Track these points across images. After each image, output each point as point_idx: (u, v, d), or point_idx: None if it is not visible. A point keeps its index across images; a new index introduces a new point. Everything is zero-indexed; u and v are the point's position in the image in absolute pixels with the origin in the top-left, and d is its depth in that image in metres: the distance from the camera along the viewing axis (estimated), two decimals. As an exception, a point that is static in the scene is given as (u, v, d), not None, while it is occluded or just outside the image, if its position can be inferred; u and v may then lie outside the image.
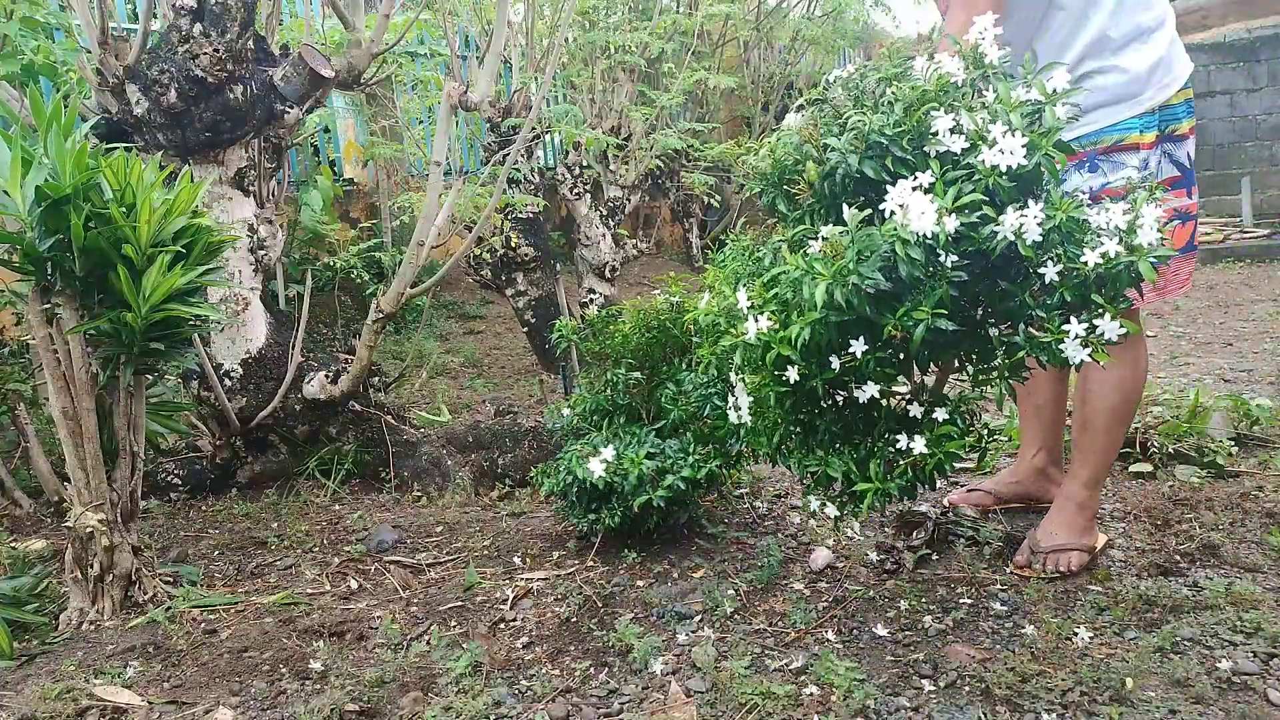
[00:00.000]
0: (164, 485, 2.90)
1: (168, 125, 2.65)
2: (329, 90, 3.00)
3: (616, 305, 2.52)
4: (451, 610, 2.01)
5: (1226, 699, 1.50)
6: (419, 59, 5.25)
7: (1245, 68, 8.09)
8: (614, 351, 2.25)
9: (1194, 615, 1.76)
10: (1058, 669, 1.58)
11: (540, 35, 4.85)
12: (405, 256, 2.73)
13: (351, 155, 6.19)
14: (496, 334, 5.80)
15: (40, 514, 2.68)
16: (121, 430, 2.06)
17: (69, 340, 1.94)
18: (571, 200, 5.03)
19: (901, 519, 2.27)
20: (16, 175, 1.81)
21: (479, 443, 2.97)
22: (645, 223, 8.13)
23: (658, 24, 5.13)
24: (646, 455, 2.03)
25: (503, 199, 4.12)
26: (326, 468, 2.99)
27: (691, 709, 1.54)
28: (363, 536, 2.51)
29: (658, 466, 2.03)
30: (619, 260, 5.01)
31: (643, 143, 5.01)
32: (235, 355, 2.89)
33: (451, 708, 1.57)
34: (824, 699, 1.55)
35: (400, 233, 5.23)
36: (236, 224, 2.82)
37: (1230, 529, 2.15)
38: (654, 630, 1.83)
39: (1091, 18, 1.84)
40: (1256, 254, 6.98)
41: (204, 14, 2.61)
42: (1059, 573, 1.94)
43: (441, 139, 2.72)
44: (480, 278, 4.57)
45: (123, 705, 1.66)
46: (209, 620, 2.02)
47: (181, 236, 1.97)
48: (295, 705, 1.64)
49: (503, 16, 2.88)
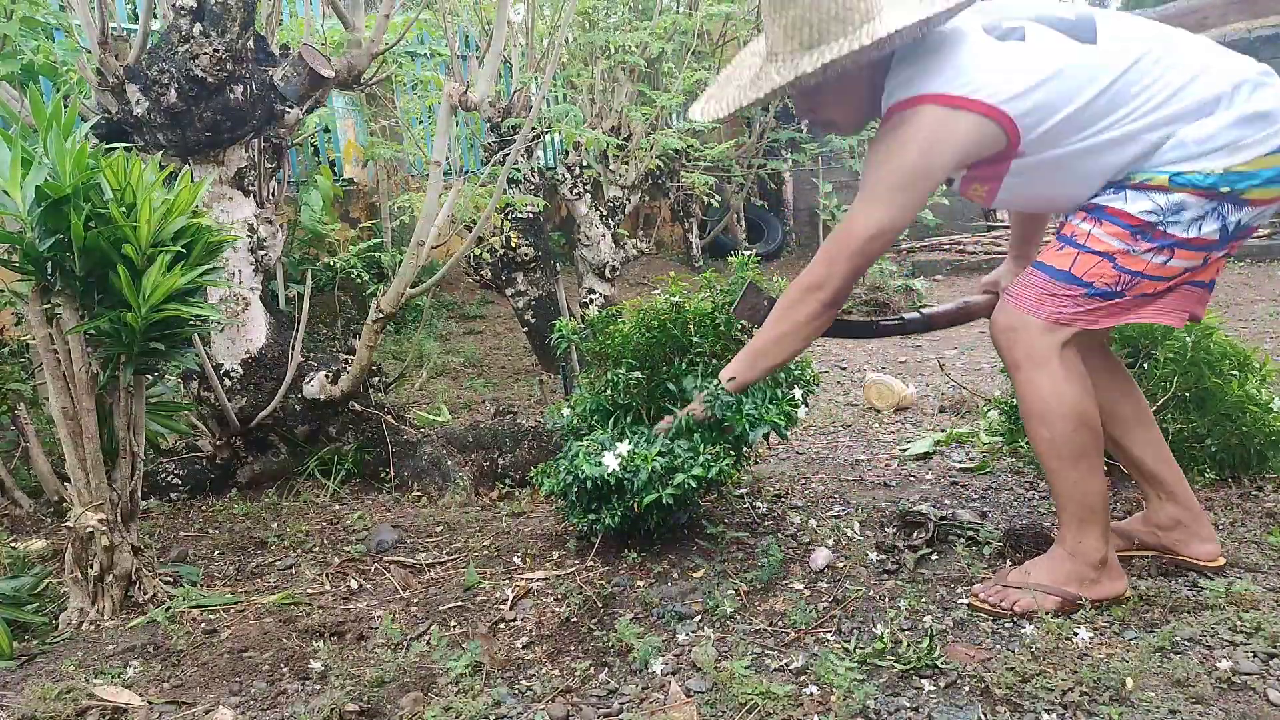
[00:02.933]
0: (164, 485, 2.91)
1: (168, 125, 2.65)
2: (329, 90, 3.00)
3: (616, 305, 2.52)
4: (451, 610, 2.01)
5: (1226, 699, 1.50)
6: (419, 59, 5.26)
7: (1245, 68, 8.09)
8: (614, 352, 2.24)
9: (1194, 615, 1.76)
10: (1058, 669, 1.58)
11: (540, 35, 4.86)
12: (405, 256, 2.73)
13: (351, 155, 6.19)
14: (496, 334, 5.80)
15: (40, 514, 2.68)
16: (121, 430, 2.06)
17: (69, 340, 1.94)
18: (571, 200, 5.03)
19: (902, 519, 2.27)
20: (16, 175, 1.81)
21: (479, 443, 2.97)
22: (645, 223, 8.13)
23: (658, 24, 5.13)
24: (658, 454, 2.02)
25: (503, 199, 4.12)
26: (326, 468, 2.99)
27: (691, 709, 1.53)
28: (363, 536, 2.51)
29: (668, 464, 2.02)
30: (619, 260, 5.01)
31: (643, 143, 5.01)
32: (235, 355, 2.89)
33: (451, 708, 1.57)
34: (824, 699, 1.55)
35: (400, 233, 5.23)
36: (236, 224, 2.82)
37: (1230, 529, 2.15)
38: (654, 630, 1.83)
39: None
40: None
41: (204, 14, 2.61)
42: (1001, 610, 1.80)
43: (441, 139, 2.72)
44: (480, 278, 4.57)
45: (123, 705, 1.66)
46: (209, 620, 2.02)
47: (181, 236, 1.97)
48: (295, 705, 1.64)
49: (503, 16, 2.88)
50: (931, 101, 1.70)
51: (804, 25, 1.75)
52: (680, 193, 7.70)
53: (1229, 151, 1.66)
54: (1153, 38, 1.73)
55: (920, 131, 1.71)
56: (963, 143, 1.71)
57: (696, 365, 2.16)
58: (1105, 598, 1.81)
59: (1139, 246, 1.70)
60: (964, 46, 1.74)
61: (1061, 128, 1.70)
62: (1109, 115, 1.69)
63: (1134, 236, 1.70)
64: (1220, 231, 1.69)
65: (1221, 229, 1.69)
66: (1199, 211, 1.68)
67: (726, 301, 2.20)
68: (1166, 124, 1.68)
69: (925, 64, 1.74)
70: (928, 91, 1.71)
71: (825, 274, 1.84)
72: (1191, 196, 1.67)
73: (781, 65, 1.79)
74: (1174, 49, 1.72)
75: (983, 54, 1.72)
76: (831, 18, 1.74)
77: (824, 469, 2.87)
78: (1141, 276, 1.72)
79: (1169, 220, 1.68)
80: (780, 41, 1.79)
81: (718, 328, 2.15)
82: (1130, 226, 1.70)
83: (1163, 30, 1.77)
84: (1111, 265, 1.72)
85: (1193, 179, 1.67)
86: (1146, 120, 1.68)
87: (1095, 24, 1.76)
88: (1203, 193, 1.67)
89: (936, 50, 1.75)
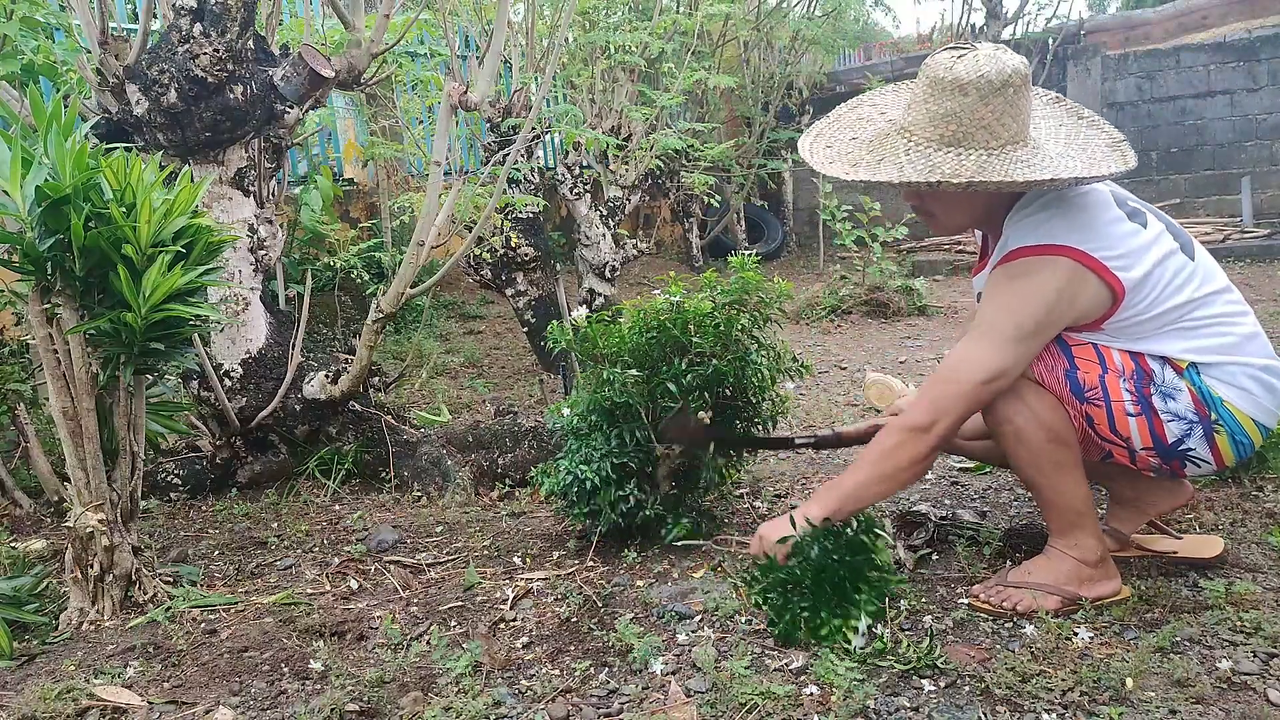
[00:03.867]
0: (164, 485, 2.91)
1: (168, 125, 2.65)
2: (329, 90, 3.00)
3: (616, 305, 2.52)
4: (451, 610, 2.01)
5: (1226, 699, 1.50)
6: (419, 59, 5.25)
7: (1245, 67, 8.09)
8: (612, 351, 2.24)
9: (1194, 615, 1.76)
10: (1058, 669, 1.58)
11: (540, 35, 4.86)
12: (405, 256, 2.73)
13: (351, 155, 6.19)
14: (496, 334, 5.80)
15: (40, 514, 2.68)
16: (121, 430, 2.06)
17: (69, 340, 1.94)
18: (571, 200, 5.04)
19: (902, 519, 2.27)
20: (16, 175, 1.81)
21: (479, 443, 2.97)
22: (645, 223, 8.14)
23: (658, 24, 5.13)
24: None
25: (503, 199, 4.12)
26: (326, 468, 2.99)
27: (691, 709, 1.53)
28: (363, 536, 2.52)
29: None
30: (619, 260, 5.01)
31: (643, 143, 5.01)
32: (235, 355, 2.89)
33: (451, 708, 1.57)
34: (824, 699, 1.55)
35: (400, 233, 5.23)
36: (236, 224, 2.82)
37: (1230, 529, 2.15)
38: (654, 630, 1.83)
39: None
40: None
41: (204, 14, 2.61)
42: (1003, 610, 1.80)
43: (441, 139, 2.72)
44: (480, 278, 4.57)
45: (123, 705, 1.66)
46: (209, 620, 2.02)
47: (181, 236, 1.97)
48: (295, 705, 1.64)
49: (503, 16, 2.88)
50: (1069, 255, 1.69)
51: (953, 120, 1.72)
52: (680, 193, 7.71)
53: (1249, 399, 1.73)
54: (1227, 281, 1.82)
55: (1053, 283, 1.69)
56: (1088, 303, 1.72)
57: (696, 366, 2.16)
58: (1105, 596, 1.81)
59: (1127, 381, 1.75)
60: (1100, 209, 1.74)
61: (1151, 317, 1.73)
62: (1189, 321, 1.74)
63: (1126, 374, 1.75)
64: (1179, 436, 1.75)
65: (1180, 437, 1.75)
66: (1185, 412, 1.73)
67: (727, 302, 2.20)
68: (1222, 353, 1.74)
69: (1063, 212, 1.73)
70: (1066, 244, 1.69)
71: (932, 419, 1.76)
72: (1191, 398, 1.73)
73: (914, 151, 1.74)
74: (1235, 298, 1.81)
75: (1115, 223, 1.73)
76: (981, 125, 1.71)
77: (824, 469, 2.87)
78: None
79: (1160, 390, 1.73)
80: (922, 123, 1.75)
81: (718, 328, 2.15)
82: (1129, 369, 1.76)
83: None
84: (1099, 370, 1.76)
85: (1205, 387, 1.72)
86: (1212, 342, 1.74)
87: (1193, 244, 1.81)
88: (1202, 405, 1.72)
89: (1072, 201, 1.74)
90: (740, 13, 6.36)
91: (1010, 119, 1.72)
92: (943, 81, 1.72)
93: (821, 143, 1.89)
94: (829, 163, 1.84)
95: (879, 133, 1.85)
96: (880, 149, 1.79)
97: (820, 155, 1.85)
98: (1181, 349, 1.74)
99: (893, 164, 1.76)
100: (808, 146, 1.88)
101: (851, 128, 1.91)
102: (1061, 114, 1.88)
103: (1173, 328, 1.74)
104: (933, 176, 1.69)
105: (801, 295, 6.03)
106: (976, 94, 1.69)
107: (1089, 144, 1.79)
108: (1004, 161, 1.70)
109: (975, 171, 1.69)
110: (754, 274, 2.21)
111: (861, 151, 1.83)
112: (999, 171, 1.69)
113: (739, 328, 2.19)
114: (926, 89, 1.76)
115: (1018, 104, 1.72)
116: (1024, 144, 1.74)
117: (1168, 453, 1.77)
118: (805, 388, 3.96)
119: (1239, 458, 1.79)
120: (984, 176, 1.68)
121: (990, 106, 1.70)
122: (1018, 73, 1.70)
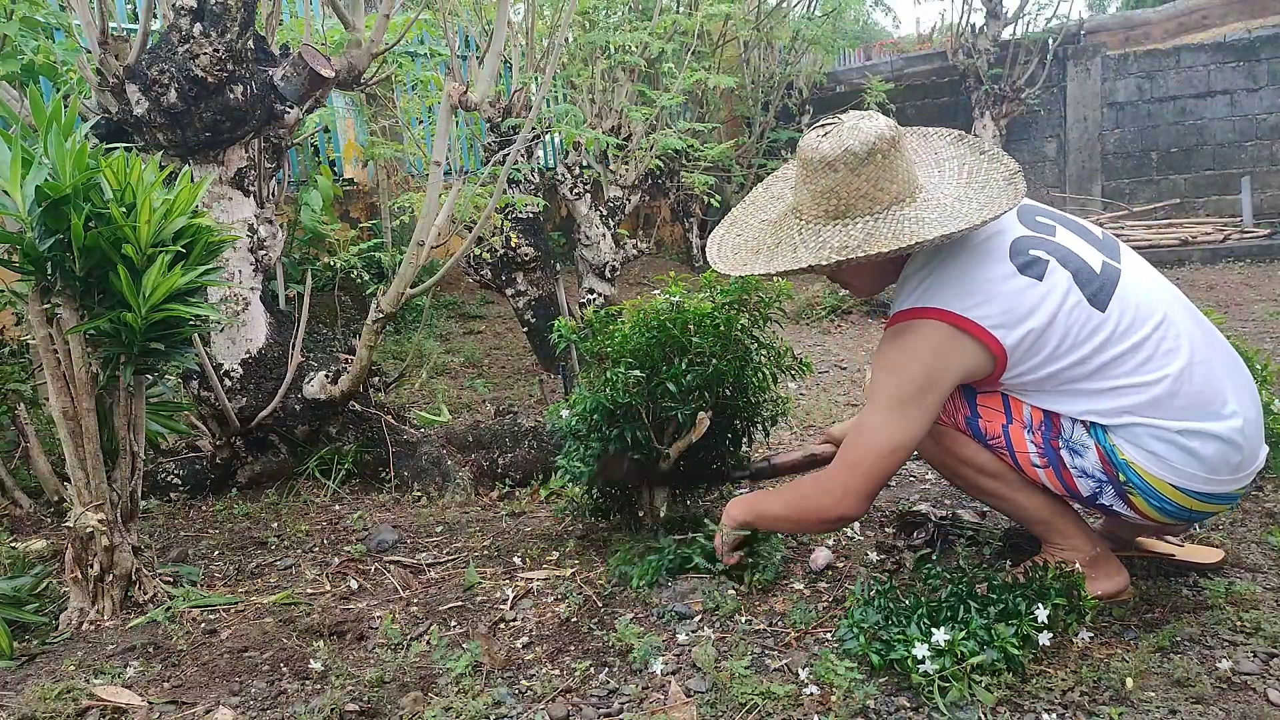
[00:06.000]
0: (164, 485, 2.91)
1: (168, 125, 2.65)
2: (329, 90, 3.00)
3: (616, 305, 2.52)
4: (451, 610, 2.01)
5: (1226, 699, 1.50)
6: (419, 59, 5.25)
7: (1245, 67, 8.09)
8: (614, 351, 2.24)
9: (1194, 615, 1.76)
10: (1058, 669, 1.58)
11: (540, 35, 4.86)
12: (405, 256, 2.73)
13: (351, 155, 6.19)
14: (496, 334, 5.80)
15: (40, 514, 2.68)
16: (121, 430, 2.06)
17: (69, 340, 1.94)
18: (571, 200, 5.03)
19: (902, 519, 2.27)
20: (16, 175, 1.81)
21: (479, 443, 2.97)
22: (645, 223, 8.13)
23: (658, 24, 5.13)
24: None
25: (503, 199, 4.12)
26: (326, 468, 2.99)
27: (691, 709, 1.54)
28: (363, 536, 2.52)
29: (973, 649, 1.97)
30: (619, 260, 5.01)
31: (643, 143, 5.01)
32: (235, 355, 2.89)
33: (451, 708, 1.57)
34: (824, 699, 1.55)
35: (400, 233, 5.23)
36: (236, 224, 2.82)
37: (1230, 529, 2.15)
38: (654, 630, 1.83)
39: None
40: (1256, 254, 6.98)
41: (204, 14, 2.61)
42: None
43: (441, 139, 2.71)
44: (480, 278, 4.57)
45: (123, 705, 1.66)
46: (209, 620, 2.02)
47: (181, 236, 1.97)
48: (295, 705, 1.64)
49: (503, 16, 2.88)
50: (941, 319, 1.68)
51: (832, 195, 1.73)
52: (680, 193, 7.70)
53: (1160, 464, 1.66)
54: (1158, 320, 1.67)
55: (927, 346, 1.69)
56: (968, 365, 1.70)
57: (696, 366, 2.16)
58: (1110, 594, 1.81)
59: (1033, 433, 1.75)
60: (988, 264, 1.69)
61: (1044, 376, 1.70)
62: (1088, 381, 1.68)
63: (1034, 425, 1.75)
64: (1092, 491, 1.74)
65: (1093, 492, 1.74)
66: (1094, 470, 1.71)
67: (727, 302, 2.20)
68: (1129, 414, 1.67)
69: (944, 270, 1.71)
70: (939, 307, 1.68)
71: (843, 487, 1.77)
72: (1099, 457, 1.70)
73: (806, 230, 1.75)
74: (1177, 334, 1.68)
75: (1001, 280, 1.67)
76: (860, 195, 1.71)
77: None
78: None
79: (1068, 445, 1.72)
80: (807, 203, 1.76)
81: (718, 328, 2.15)
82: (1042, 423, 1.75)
83: (1172, 308, 1.72)
84: (1003, 420, 1.78)
85: (1110, 447, 1.69)
86: (1116, 404, 1.68)
87: (1115, 283, 1.70)
88: (1109, 465, 1.70)
89: (958, 256, 1.72)
90: (740, 13, 6.35)
91: (888, 181, 1.71)
92: (813, 162, 1.73)
93: (734, 231, 1.92)
94: (734, 252, 1.86)
95: (774, 214, 1.89)
96: (779, 231, 1.82)
97: (729, 244, 1.88)
98: (1083, 409, 1.69)
99: (789, 247, 1.77)
100: (718, 240, 1.90)
101: (762, 209, 1.94)
102: (965, 151, 1.85)
103: (1071, 386, 1.69)
104: (824, 255, 1.68)
105: (801, 295, 6.03)
106: (846, 168, 1.70)
107: (989, 180, 1.75)
108: (890, 224, 1.69)
109: (863, 240, 1.68)
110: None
111: (765, 235, 1.85)
112: (887, 235, 1.67)
113: (739, 327, 2.19)
114: (801, 170, 1.78)
115: (892, 166, 1.71)
116: (911, 200, 1.72)
117: (1088, 503, 1.78)
118: (805, 388, 3.96)
119: (1175, 519, 1.74)
120: (872, 245, 1.66)
121: (863, 176, 1.70)
122: (882, 138, 1.70)
